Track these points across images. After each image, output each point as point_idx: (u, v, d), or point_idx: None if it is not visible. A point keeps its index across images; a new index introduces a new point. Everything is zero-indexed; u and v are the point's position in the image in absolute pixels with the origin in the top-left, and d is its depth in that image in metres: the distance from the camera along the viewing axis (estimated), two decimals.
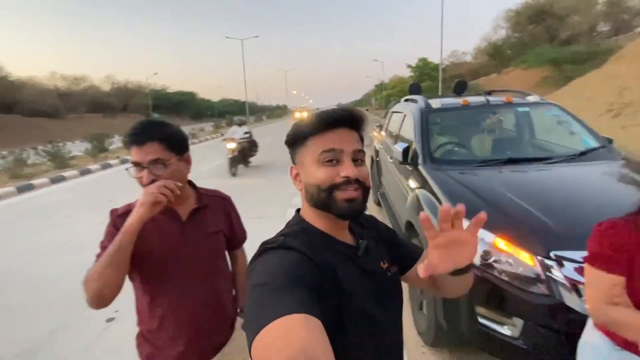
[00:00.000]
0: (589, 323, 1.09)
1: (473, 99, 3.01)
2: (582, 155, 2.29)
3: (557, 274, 1.38)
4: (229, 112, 49.01)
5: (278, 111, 74.79)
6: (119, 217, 0.98)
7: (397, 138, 3.46)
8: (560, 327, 1.36)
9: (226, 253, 1.19)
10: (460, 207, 0.53)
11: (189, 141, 1.09)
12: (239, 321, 1.20)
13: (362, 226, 0.75)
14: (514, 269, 1.48)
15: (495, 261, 1.52)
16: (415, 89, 4.08)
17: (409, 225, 2.38)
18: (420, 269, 0.54)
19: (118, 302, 0.94)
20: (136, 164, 0.93)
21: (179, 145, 0.99)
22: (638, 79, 9.75)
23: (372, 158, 5.09)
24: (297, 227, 0.66)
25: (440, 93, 19.96)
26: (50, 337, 2.49)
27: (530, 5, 25.82)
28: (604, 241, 0.98)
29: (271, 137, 16.83)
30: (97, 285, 0.85)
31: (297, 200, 4.28)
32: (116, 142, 13.93)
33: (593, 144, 2.45)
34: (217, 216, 1.12)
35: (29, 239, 4.55)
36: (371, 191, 5.37)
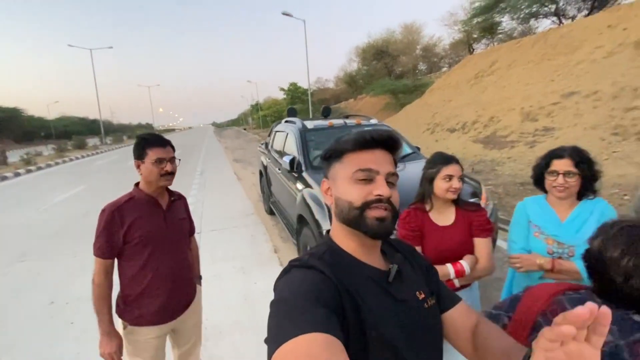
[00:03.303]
0: None
1: (336, 121, 4.01)
2: (403, 158, 3.49)
3: None
4: (73, 132, 40.50)
5: (141, 130, 66.52)
6: (109, 214, 1.28)
7: (283, 152, 4.16)
8: None
9: None
10: (605, 310, 0.37)
11: (24, 169, 1.52)
12: (198, 287, 1.61)
13: (398, 251, 0.74)
14: None
15: None
16: (292, 112, 4.91)
17: (300, 218, 3.05)
18: None
19: None
20: (161, 160, 1.33)
21: (174, 149, 1.43)
22: (442, 106, 13.64)
23: (260, 172, 5.67)
24: (325, 247, 0.66)
25: (310, 115, 22.28)
26: None
27: (372, 45, 31.95)
28: (405, 226, 1.47)
29: None
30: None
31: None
32: None
33: (409, 150, 3.72)
34: (182, 208, 1.53)
35: None
36: (263, 201, 5.95)
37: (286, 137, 4.12)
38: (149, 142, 1.33)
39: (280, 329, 0.47)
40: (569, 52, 10.02)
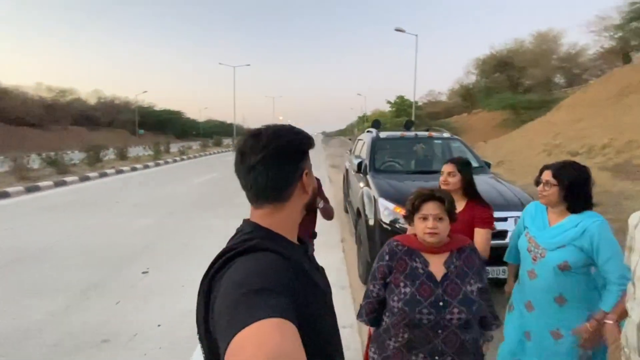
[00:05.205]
0: None
1: (408, 133, 4.42)
2: None
3: None
4: (214, 132, 50.36)
5: None
6: None
7: (359, 157, 4.80)
8: None
9: None
10: None
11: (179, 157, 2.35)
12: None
13: None
14: (403, 221, 2.76)
15: (394, 219, 2.80)
16: (376, 124, 5.49)
17: (358, 212, 3.63)
18: None
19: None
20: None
21: None
22: (568, 126, 11.81)
23: (344, 176, 6.42)
24: (262, 232, 0.64)
25: (414, 128, 21.98)
26: (101, 281, 3.50)
27: (495, 56, 29.24)
28: None
29: None
30: None
31: None
32: (109, 154, 14.91)
33: (476, 164, 3.84)
34: None
35: (54, 225, 5.47)
36: (342, 200, 6.73)
37: (363, 145, 4.74)
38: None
39: (233, 319, 0.45)
40: None
